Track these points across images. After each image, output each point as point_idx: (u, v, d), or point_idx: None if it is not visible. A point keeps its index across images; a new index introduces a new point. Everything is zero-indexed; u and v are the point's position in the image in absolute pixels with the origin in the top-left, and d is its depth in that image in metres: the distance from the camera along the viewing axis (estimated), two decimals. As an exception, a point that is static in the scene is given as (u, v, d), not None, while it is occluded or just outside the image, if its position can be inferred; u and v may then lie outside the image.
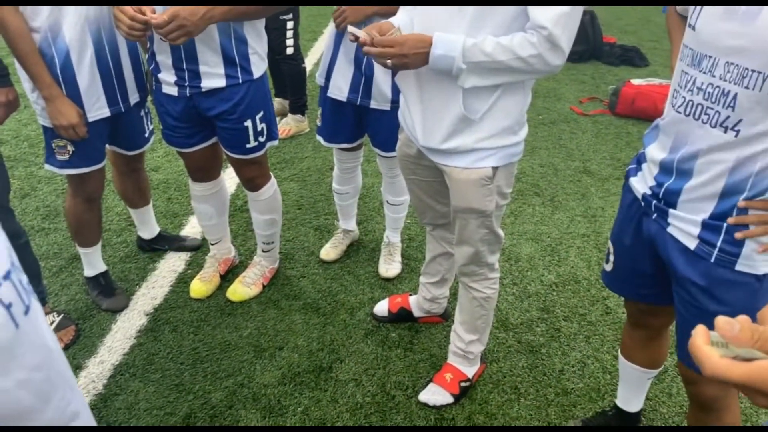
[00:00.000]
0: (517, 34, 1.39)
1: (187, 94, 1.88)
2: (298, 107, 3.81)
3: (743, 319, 0.50)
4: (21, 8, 1.71)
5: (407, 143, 1.74)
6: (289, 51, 3.57)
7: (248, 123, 1.95)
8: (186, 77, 1.85)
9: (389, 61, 1.44)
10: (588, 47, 5.47)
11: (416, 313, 2.22)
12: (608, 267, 1.58)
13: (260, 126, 1.99)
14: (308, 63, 4.65)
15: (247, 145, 2.00)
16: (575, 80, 5.01)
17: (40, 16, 1.73)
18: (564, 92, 4.73)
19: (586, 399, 1.95)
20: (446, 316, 2.25)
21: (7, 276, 0.39)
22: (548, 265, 2.62)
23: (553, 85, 4.82)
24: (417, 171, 1.78)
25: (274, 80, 3.90)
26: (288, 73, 3.74)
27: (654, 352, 1.66)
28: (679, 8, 1.45)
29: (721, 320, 0.50)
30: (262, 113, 1.98)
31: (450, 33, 1.41)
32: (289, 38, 3.54)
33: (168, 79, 1.87)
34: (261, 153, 2.07)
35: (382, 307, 2.26)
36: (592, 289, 2.48)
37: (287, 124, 3.78)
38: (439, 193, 1.82)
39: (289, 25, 3.49)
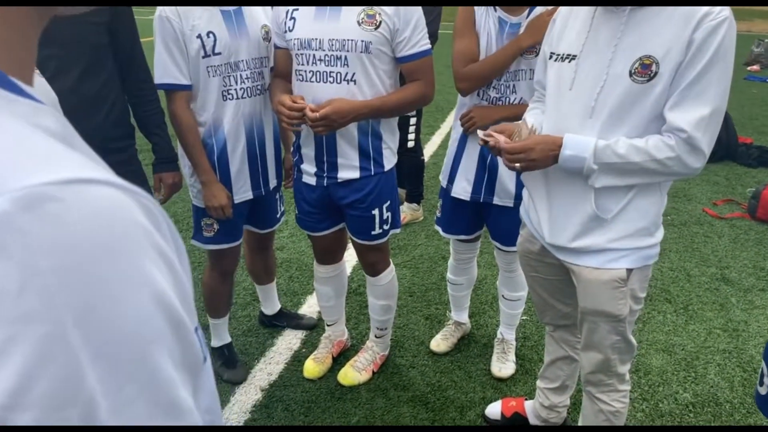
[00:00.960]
0: (653, 136, 1.36)
1: (324, 184, 2.03)
2: (415, 197, 3.93)
3: None
4: (191, 105, 1.98)
5: (530, 239, 1.71)
6: (410, 144, 3.74)
7: (376, 212, 2.05)
8: (325, 168, 2.00)
9: (518, 165, 1.46)
10: (721, 147, 5.17)
11: (532, 420, 2.07)
12: (763, 390, 1.39)
13: (386, 215, 2.08)
14: (426, 155, 4.84)
15: (373, 232, 2.09)
16: (708, 181, 4.71)
17: (207, 112, 1.98)
18: (695, 193, 4.45)
19: None
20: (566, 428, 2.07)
21: (196, 330, 0.45)
22: (683, 382, 2.36)
23: (683, 185, 4.57)
24: (539, 268, 1.74)
25: (395, 171, 4.08)
26: (407, 165, 3.90)
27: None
28: None
29: None
30: (389, 203, 2.07)
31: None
32: (411, 133, 3.73)
33: (309, 169, 2.04)
34: (384, 240, 2.14)
35: (494, 410, 2.14)
36: (735, 413, 2.18)
37: (403, 212, 3.89)
38: (562, 292, 1.74)
39: (412, 121, 3.69)
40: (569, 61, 1.46)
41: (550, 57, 1.53)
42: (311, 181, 2.05)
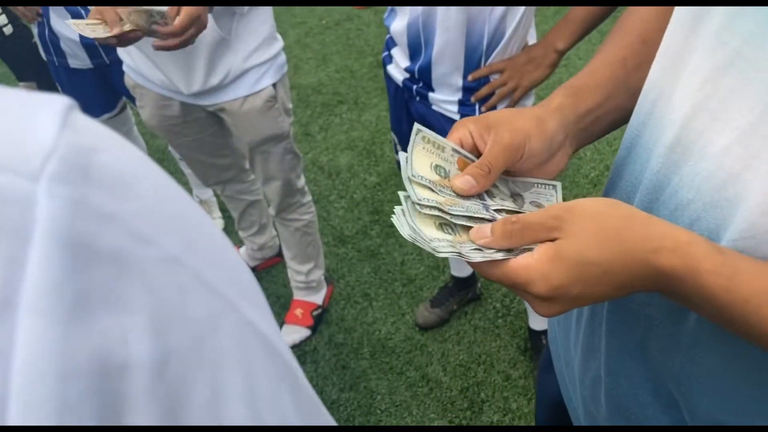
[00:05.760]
0: None
1: None
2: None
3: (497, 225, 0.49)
4: None
5: (163, 105, 1.53)
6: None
7: None
8: None
9: None
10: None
11: (251, 263, 2.15)
12: (399, 157, 1.61)
13: None
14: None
15: None
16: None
17: None
18: (341, -10, 4.61)
19: (429, 279, 2.07)
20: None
21: None
22: (368, 168, 2.66)
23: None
24: (185, 131, 1.59)
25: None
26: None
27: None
28: None
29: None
30: None
31: None
32: None
33: None
34: None
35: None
36: (413, 176, 2.57)
37: None
38: (216, 144, 1.67)
39: None
40: None
41: None
42: None
